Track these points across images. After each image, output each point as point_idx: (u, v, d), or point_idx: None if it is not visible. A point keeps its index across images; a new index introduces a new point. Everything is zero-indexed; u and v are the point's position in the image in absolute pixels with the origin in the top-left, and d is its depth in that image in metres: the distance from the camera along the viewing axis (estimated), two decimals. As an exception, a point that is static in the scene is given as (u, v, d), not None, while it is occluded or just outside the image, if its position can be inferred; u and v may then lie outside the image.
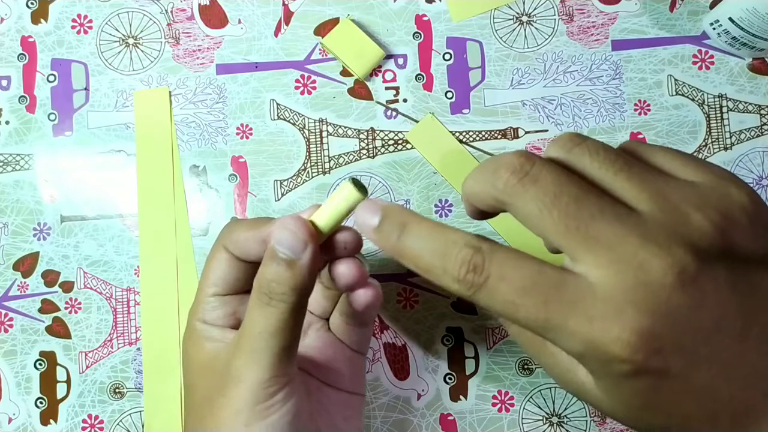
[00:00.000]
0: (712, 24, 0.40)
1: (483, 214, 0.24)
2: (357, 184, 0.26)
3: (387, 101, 0.41)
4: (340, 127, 0.41)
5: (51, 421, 0.40)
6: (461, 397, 0.39)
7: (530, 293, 0.20)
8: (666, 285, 0.19)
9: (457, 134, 0.40)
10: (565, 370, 0.23)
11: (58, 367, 0.40)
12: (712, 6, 0.40)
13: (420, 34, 0.41)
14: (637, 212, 0.21)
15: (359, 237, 0.29)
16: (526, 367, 0.39)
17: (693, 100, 0.40)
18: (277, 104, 0.41)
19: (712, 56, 0.40)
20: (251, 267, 0.29)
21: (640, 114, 0.40)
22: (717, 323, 0.20)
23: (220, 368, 0.27)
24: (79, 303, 0.40)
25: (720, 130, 0.40)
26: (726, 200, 0.21)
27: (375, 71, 0.41)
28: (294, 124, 0.41)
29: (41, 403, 0.40)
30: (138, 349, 0.40)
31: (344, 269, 0.28)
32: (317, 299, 0.33)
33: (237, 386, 0.26)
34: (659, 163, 0.23)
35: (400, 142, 0.41)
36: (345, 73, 0.41)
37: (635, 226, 0.20)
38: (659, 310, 0.19)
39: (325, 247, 0.28)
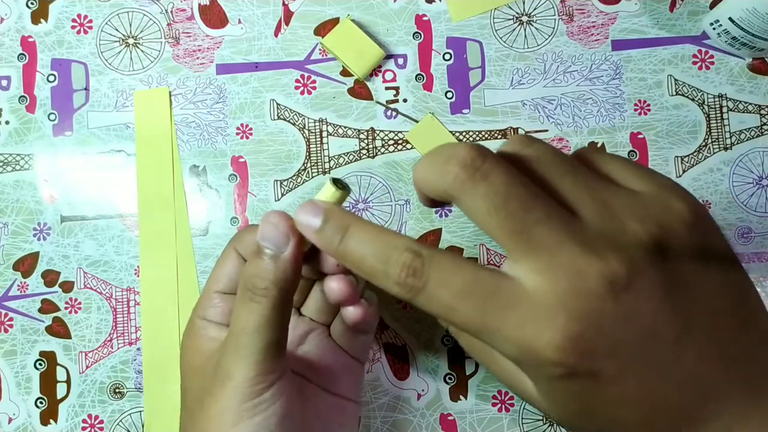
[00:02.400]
0: (712, 24, 0.40)
1: (434, 203, 0.24)
2: (338, 183, 0.26)
3: (387, 101, 0.41)
4: (340, 127, 0.41)
5: (51, 421, 0.40)
6: (461, 397, 0.39)
7: (467, 298, 0.21)
8: (598, 294, 0.20)
9: (457, 134, 0.40)
10: (512, 377, 0.23)
11: (58, 367, 0.40)
12: (712, 6, 0.40)
13: (420, 34, 0.41)
14: (579, 218, 0.21)
15: None
16: (526, 367, 0.39)
17: (693, 100, 0.40)
18: (277, 104, 0.41)
19: (712, 56, 0.40)
20: None
21: (640, 114, 0.40)
22: (651, 329, 0.20)
23: (211, 367, 0.27)
24: (79, 303, 0.40)
25: (720, 130, 0.40)
26: (666, 212, 0.21)
27: (375, 71, 0.41)
28: (294, 124, 0.41)
29: (41, 403, 0.40)
30: (138, 349, 0.40)
31: (335, 286, 0.29)
32: (319, 307, 0.33)
33: (224, 385, 0.26)
34: (607, 171, 0.23)
35: (400, 142, 0.41)
36: (345, 73, 0.41)
37: (575, 233, 0.20)
38: (591, 317, 0.19)
39: (318, 261, 0.28)
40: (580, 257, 0.20)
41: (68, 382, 0.40)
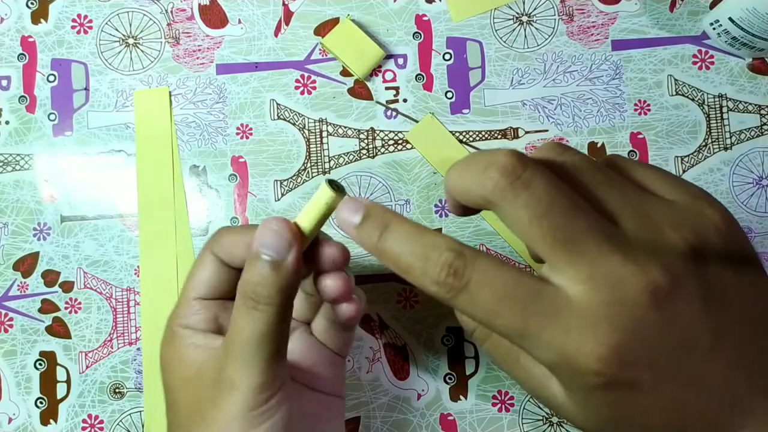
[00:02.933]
0: (712, 24, 0.40)
1: (465, 210, 0.24)
2: (333, 184, 0.26)
3: (387, 101, 0.41)
4: (340, 127, 0.41)
5: (51, 421, 0.40)
6: (461, 397, 0.39)
7: (509, 301, 0.21)
8: (641, 303, 0.20)
9: (457, 134, 0.40)
10: (538, 384, 0.23)
11: (58, 367, 0.40)
12: (712, 6, 0.40)
13: (420, 34, 0.41)
14: (619, 227, 0.21)
15: (346, 251, 0.29)
16: (526, 367, 0.39)
17: (693, 100, 0.40)
18: (277, 104, 0.41)
19: (712, 56, 0.40)
20: (236, 273, 0.29)
21: (640, 114, 0.40)
22: (688, 339, 0.20)
23: (208, 378, 0.27)
24: (79, 303, 0.40)
25: (720, 130, 0.40)
26: (700, 220, 0.22)
27: (375, 71, 0.41)
28: (294, 124, 0.41)
29: (41, 403, 0.40)
30: (138, 349, 0.40)
31: (330, 283, 0.29)
32: (299, 305, 0.33)
33: (230, 394, 0.26)
34: (638, 178, 0.24)
35: (400, 142, 0.41)
36: (345, 73, 0.41)
37: (617, 242, 0.20)
38: (633, 327, 0.20)
39: (313, 259, 0.28)
40: (622, 267, 0.20)
41: (68, 382, 0.40)
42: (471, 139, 0.40)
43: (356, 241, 0.24)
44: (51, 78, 0.41)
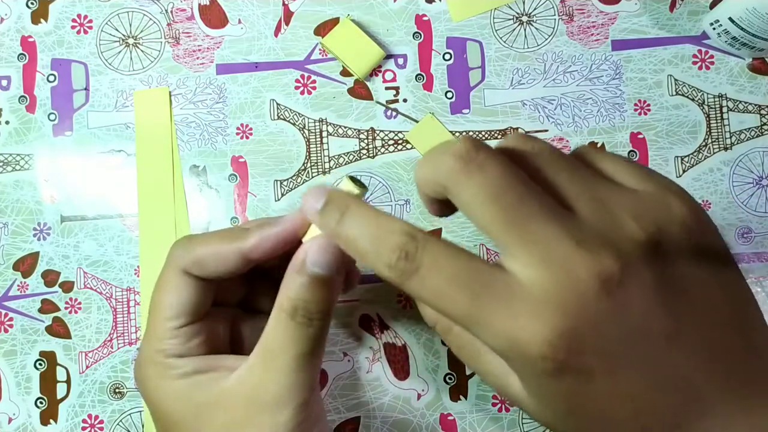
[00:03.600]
0: (712, 24, 0.40)
1: (437, 205, 0.24)
2: (356, 181, 0.26)
3: (387, 101, 0.41)
4: (340, 127, 0.41)
5: (51, 421, 0.40)
6: (461, 397, 0.39)
7: (460, 285, 0.20)
8: (591, 290, 0.19)
9: (457, 134, 0.40)
10: (500, 378, 0.23)
11: (58, 367, 0.40)
12: (712, 6, 0.40)
13: (420, 34, 0.41)
14: (575, 214, 0.21)
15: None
16: (526, 367, 0.39)
17: (693, 100, 0.40)
18: (277, 104, 0.41)
19: (712, 56, 0.40)
20: (214, 285, 0.29)
21: (640, 114, 0.40)
22: (642, 328, 0.20)
23: (241, 400, 0.26)
24: (79, 303, 0.40)
25: (720, 130, 0.40)
26: (664, 211, 0.21)
27: (375, 71, 0.41)
28: (294, 124, 0.41)
29: (41, 403, 0.40)
30: (138, 349, 0.40)
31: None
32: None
33: (278, 413, 0.26)
34: (605, 169, 0.23)
35: (400, 142, 0.41)
36: (345, 73, 0.41)
37: (570, 228, 0.20)
38: (582, 314, 0.19)
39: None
40: (574, 253, 0.20)
41: (68, 382, 0.40)
42: (471, 139, 0.40)
43: (318, 226, 0.24)
44: (51, 78, 0.41)
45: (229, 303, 0.31)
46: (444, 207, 0.24)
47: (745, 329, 0.21)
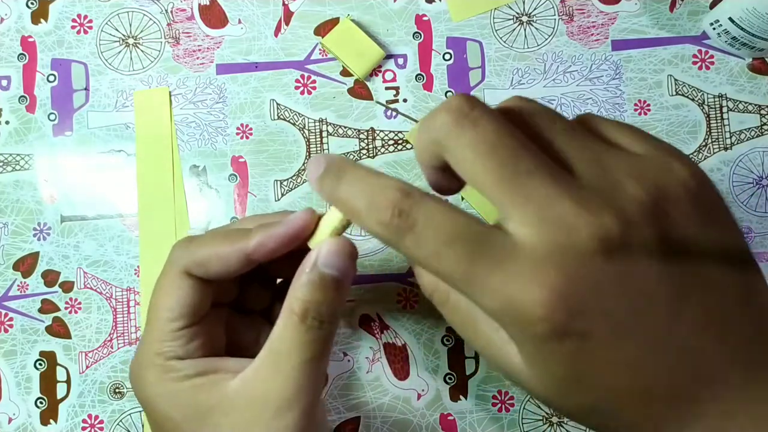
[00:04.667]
0: (712, 24, 0.40)
1: (438, 175, 0.23)
2: None
3: (387, 101, 0.41)
4: (340, 127, 0.41)
5: (51, 421, 0.40)
6: (461, 397, 0.39)
7: (456, 243, 0.20)
8: (590, 250, 0.19)
9: (457, 134, 0.40)
10: (497, 351, 0.22)
11: (58, 367, 0.40)
12: (712, 6, 0.40)
13: (420, 34, 0.41)
14: (574, 174, 0.20)
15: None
16: (526, 367, 0.39)
17: (693, 100, 0.40)
18: (277, 104, 0.41)
19: (712, 56, 0.40)
20: (214, 287, 0.29)
21: (640, 114, 0.40)
22: (644, 292, 0.19)
23: (246, 402, 0.26)
24: (79, 303, 0.40)
25: (720, 130, 0.40)
26: (666, 174, 0.21)
27: (375, 71, 0.41)
28: (294, 124, 0.41)
29: (41, 403, 0.40)
30: (135, 352, 0.40)
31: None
32: (262, 295, 0.33)
33: (286, 416, 0.25)
34: (607, 134, 0.23)
35: (400, 142, 0.41)
36: (345, 73, 0.41)
37: (568, 188, 0.19)
38: (581, 274, 0.19)
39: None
40: (572, 212, 0.19)
41: (68, 382, 0.40)
42: (471, 139, 0.40)
43: (319, 192, 0.23)
44: (51, 78, 0.41)
45: (223, 303, 0.31)
46: (446, 179, 0.23)
47: (751, 300, 0.21)
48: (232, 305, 0.32)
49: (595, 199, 0.19)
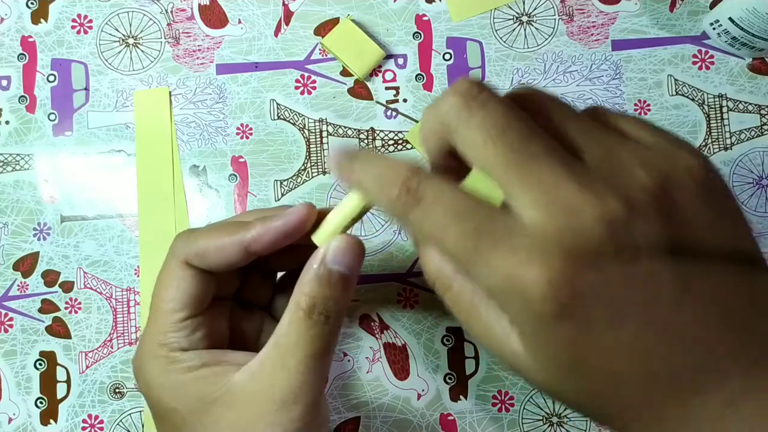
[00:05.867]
0: (712, 24, 0.40)
1: (446, 160, 0.23)
2: None
3: (387, 101, 0.41)
4: (340, 127, 0.41)
5: (51, 421, 0.40)
6: (461, 397, 0.39)
7: (462, 219, 0.20)
8: (595, 234, 0.19)
9: (457, 134, 0.40)
10: (498, 339, 0.22)
11: (58, 367, 0.40)
12: (712, 6, 0.40)
13: (420, 34, 0.41)
14: (582, 160, 0.20)
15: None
16: (526, 367, 0.39)
17: (693, 100, 0.40)
18: (277, 104, 0.41)
19: (712, 56, 0.40)
20: (215, 279, 0.29)
21: (640, 114, 0.40)
22: (650, 282, 0.19)
23: (251, 396, 0.26)
24: (79, 303, 0.40)
25: (720, 130, 0.40)
26: (674, 162, 0.21)
27: (375, 71, 0.41)
28: (294, 124, 0.41)
29: (41, 403, 0.40)
30: (138, 344, 0.40)
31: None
32: (264, 291, 0.33)
33: (291, 410, 0.26)
34: (616, 124, 0.23)
35: (400, 142, 0.41)
36: (345, 73, 0.41)
37: (576, 172, 0.20)
38: (586, 257, 0.19)
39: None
40: (579, 195, 0.19)
41: (68, 382, 0.40)
42: (471, 139, 0.40)
43: (337, 174, 0.24)
44: (51, 78, 0.41)
45: (225, 296, 0.31)
46: (450, 163, 0.23)
47: (758, 292, 0.20)
48: (234, 299, 0.32)
49: (603, 184, 0.19)
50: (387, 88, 0.41)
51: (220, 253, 0.27)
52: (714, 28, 0.40)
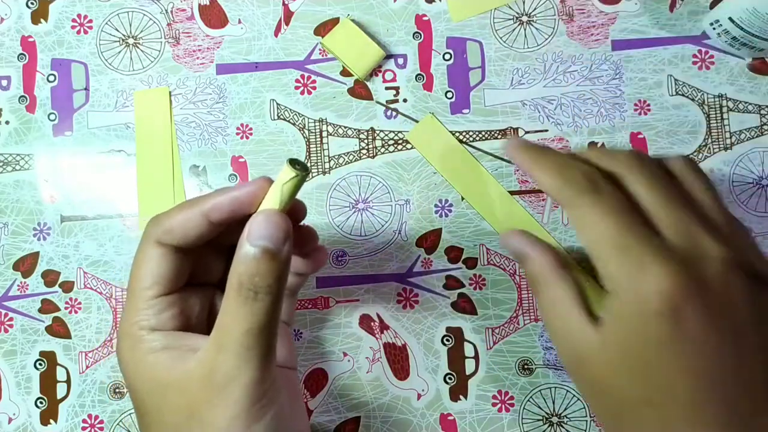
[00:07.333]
0: (712, 24, 0.40)
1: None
2: (297, 164, 0.27)
3: (387, 101, 0.41)
4: (340, 127, 0.41)
5: (51, 421, 0.40)
6: (461, 397, 0.39)
7: (624, 214, 0.26)
8: (711, 270, 0.24)
9: (457, 134, 0.40)
10: (563, 308, 0.26)
11: (58, 367, 0.40)
12: (712, 6, 0.40)
13: (420, 34, 0.41)
14: (662, 236, 0.25)
15: (304, 205, 0.30)
16: (526, 367, 0.39)
17: (693, 100, 0.40)
18: (277, 104, 0.41)
19: (712, 56, 0.40)
20: (189, 258, 0.29)
21: (640, 114, 0.40)
22: (736, 322, 0.24)
23: (198, 379, 0.26)
24: (79, 303, 0.40)
25: (720, 130, 0.40)
26: (736, 235, 0.26)
27: (375, 71, 0.41)
28: (294, 124, 0.41)
29: (41, 403, 0.40)
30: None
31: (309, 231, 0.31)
32: None
33: (229, 392, 0.25)
34: (693, 194, 0.28)
35: (400, 142, 0.41)
36: (345, 73, 0.41)
37: (662, 254, 0.25)
38: (702, 281, 0.24)
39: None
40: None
41: (68, 382, 0.40)
42: (471, 139, 0.40)
43: (522, 157, 0.28)
44: (51, 78, 0.41)
45: (209, 282, 0.31)
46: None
47: None
48: (221, 285, 0.32)
49: (680, 259, 0.25)
50: (387, 88, 0.41)
51: (184, 226, 0.28)
52: (714, 28, 0.40)
